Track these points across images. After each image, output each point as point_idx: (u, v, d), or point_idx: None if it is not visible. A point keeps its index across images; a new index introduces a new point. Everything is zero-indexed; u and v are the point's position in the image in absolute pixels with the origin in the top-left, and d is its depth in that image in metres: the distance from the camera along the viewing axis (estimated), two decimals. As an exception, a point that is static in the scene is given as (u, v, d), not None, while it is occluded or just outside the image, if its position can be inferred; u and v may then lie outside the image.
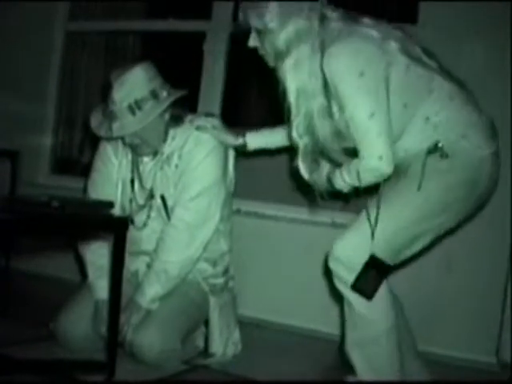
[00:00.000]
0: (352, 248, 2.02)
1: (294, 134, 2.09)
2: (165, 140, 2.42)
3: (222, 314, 2.51)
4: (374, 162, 1.95)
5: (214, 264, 2.55)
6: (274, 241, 3.22)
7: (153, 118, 2.30)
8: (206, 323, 2.53)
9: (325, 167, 2.16)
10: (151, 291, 2.36)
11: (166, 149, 2.43)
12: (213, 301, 2.50)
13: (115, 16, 3.86)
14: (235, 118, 3.82)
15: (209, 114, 2.59)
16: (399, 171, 2.06)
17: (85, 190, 2.61)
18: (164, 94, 2.33)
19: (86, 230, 2.12)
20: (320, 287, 3.05)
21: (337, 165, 2.12)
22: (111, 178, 2.52)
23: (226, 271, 2.61)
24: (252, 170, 3.14)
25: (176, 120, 2.43)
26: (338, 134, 2.06)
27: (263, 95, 2.61)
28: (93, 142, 3.85)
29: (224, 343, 2.50)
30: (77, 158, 4.03)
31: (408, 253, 2.10)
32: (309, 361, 2.67)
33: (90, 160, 3.70)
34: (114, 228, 1.89)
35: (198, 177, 2.40)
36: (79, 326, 2.37)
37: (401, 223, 2.02)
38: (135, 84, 2.28)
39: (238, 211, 3.07)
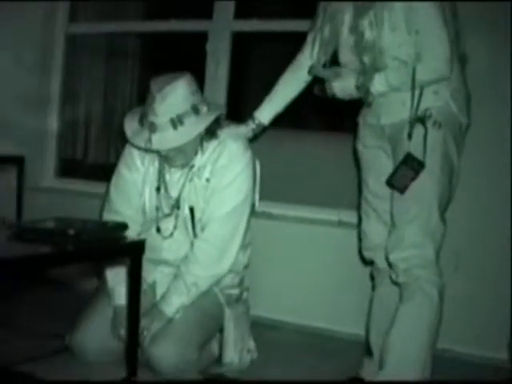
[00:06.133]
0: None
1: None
2: (197, 152, 2.42)
3: (236, 325, 2.52)
4: (441, 63, 2.05)
5: (231, 275, 2.56)
6: (284, 240, 3.23)
7: (196, 134, 2.29)
8: (221, 330, 2.54)
9: (350, 76, 2.21)
10: (178, 302, 2.37)
11: (198, 161, 2.42)
12: (228, 312, 2.51)
13: (115, 17, 3.81)
14: (240, 118, 3.78)
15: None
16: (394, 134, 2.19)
17: (106, 192, 2.56)
18: (204, 109, 2.31)
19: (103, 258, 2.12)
20: (329, 283, 3.10)
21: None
22: (136, 185, 2.50)
23: (241, 282, 2.63)
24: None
25: (210, 133, 2.40)
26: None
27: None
28: (97, 144, 3.92)
29: (239, 353, 2.51)
30: (81, 161, 4.02)
31: (450, 201, 2.25)
32: (324, 361, 2.70)
33: (95, 162, 3.82)
34: (131, 253, 1.89)
35: (232, 193, 2.41)
36: (95, 338, 2.39)
37: (432, 202, 2.14)
38: (178, 98, 2.24)
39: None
